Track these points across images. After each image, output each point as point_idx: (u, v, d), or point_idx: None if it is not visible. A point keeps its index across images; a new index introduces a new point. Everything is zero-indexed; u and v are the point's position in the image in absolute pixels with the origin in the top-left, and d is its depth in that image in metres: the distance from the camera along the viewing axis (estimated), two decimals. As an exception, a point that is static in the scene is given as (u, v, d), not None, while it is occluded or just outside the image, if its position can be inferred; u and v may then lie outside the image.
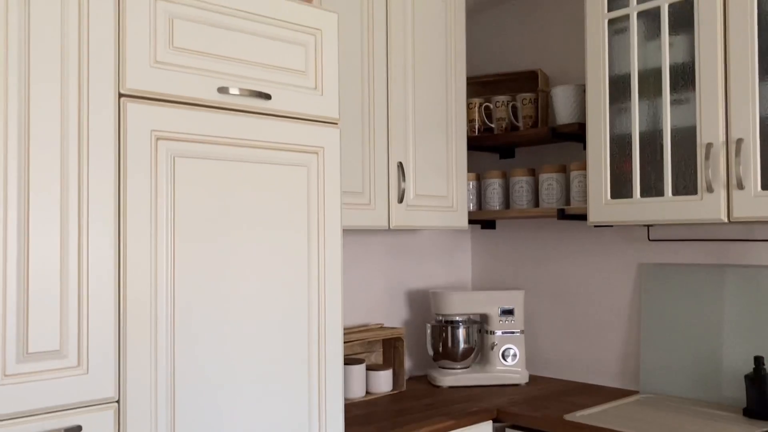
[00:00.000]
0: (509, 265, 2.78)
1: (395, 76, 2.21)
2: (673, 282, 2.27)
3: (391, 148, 2.19)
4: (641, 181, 2.05)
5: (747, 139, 1.82)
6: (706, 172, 1.88)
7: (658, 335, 2.29)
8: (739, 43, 1.84)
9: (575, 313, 2.56)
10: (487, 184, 2.61)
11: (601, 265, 2.49)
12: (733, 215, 1.85)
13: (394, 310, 2.60)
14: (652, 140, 2.03)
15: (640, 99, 2.06)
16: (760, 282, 2.08)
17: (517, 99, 2.54)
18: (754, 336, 2.08)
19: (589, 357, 2.51)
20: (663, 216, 1.99)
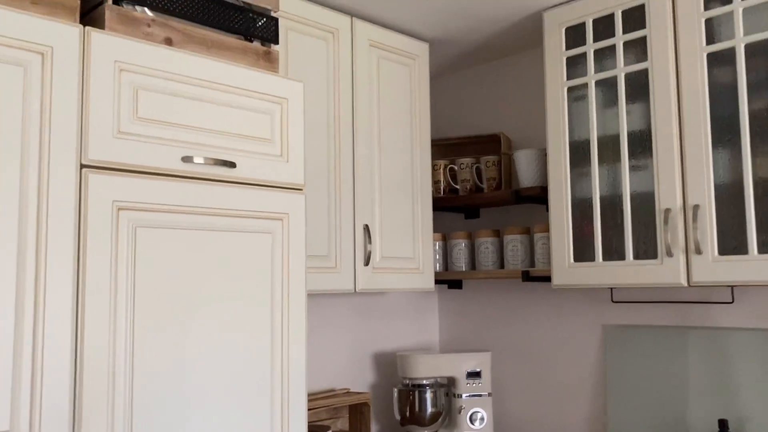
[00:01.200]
0: (476, 325, 2.77)
1: (361, 139, 2.23)
2: (636, 343, 2.29)
3: (357, 210, 2.19)
4: (603, 244, 2.08)
5: (703, 205, 1.87)
6: (665, 236, 1.92)
7: (624, 397, 2.29)
8: (692, 112, 1.90)
9: (542, 374, 2.55)
10: (453, 244, 2.63)
11: (566, 327, 2.50)
12: (692, 279, 1.88)
13: (361, 373, 2.57)
14: (612, 205, 2.07)
15: (599, 164, 2.11)
16: (721, 344, 2.10)
17: (481, 161, 2.58)
18: (717, 398, 2.10)
19: (556, 419, 2.50)
20: (625, 280, 2.01)
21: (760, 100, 1.80)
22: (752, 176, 1.80)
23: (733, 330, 2.09)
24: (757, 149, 1.80)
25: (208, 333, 1.50)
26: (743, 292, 2.10)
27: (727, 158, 1.85)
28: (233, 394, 1.53)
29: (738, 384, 2.06)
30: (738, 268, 1.80)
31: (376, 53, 2.32)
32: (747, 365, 2.05)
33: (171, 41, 1.56)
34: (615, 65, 2.08)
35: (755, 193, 1.80)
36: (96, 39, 1.40)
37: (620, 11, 2.08)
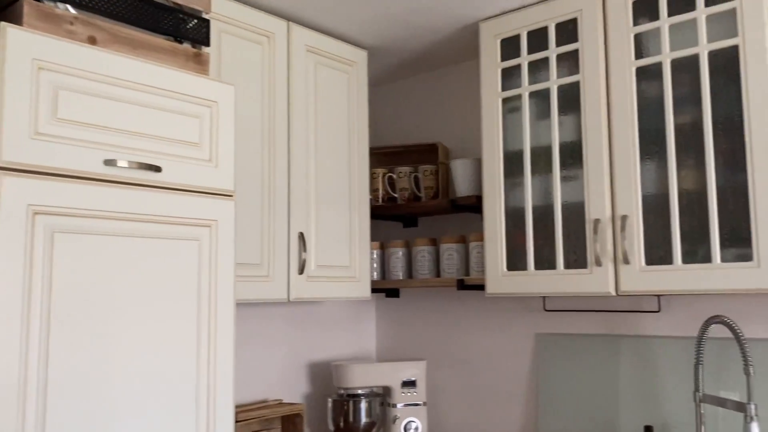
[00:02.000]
0: (413, 334, 2.77)
1: (297, 146, 2.21)
2: (568, 351, 2.32)
3: (291, 218, 2.16)
4: (535, 253, 2.10)
5: (631, 216, 1.91)
6: (594, 246, 1.96)
7: (555, 404, 2.32)
8: (621, 125, 1.95)
9: (476, 382, 2.56)
10: (390, 252, 2.62)
11: (500, 335, 2.52)
12: (620, 289, 1.92)
13: (295, 384, 2.53)
14: (544, 215, 2.10)
15: (532, 174, 2.13)
16: (648, 352, 2.15)
17: (419, 170, 2.59)
18: (644, 405, 2.14)
19: (489, 427, 2.51)
20: (556, 288, 2.04)
21: (685, 115, 1.85)
22: (677, 188, 1.85)
23: (659, 338, 2.14)
24: (682, 162, 1.85)
25: (131, 344, 1.45)
26: (669, 301, 2.16)
27: (654, 170, 1.90)
28: (158, 408, 1.48)
29: (663, 391, 2.11)
30: (664, 278, 1.85)
31: (313, 59, 2.30)
32: (672, 373, 2.10)
33: (95, 40, 1.51)
34: (548, 77, 2.11)
35: (680, 205, 1.84)
36: (12, 35, 1.34)
37: (554, 24, 2.11)
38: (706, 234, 1.79)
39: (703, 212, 1.80)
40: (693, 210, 1.82)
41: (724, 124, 1.79)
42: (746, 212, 1.74)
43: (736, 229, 1.75)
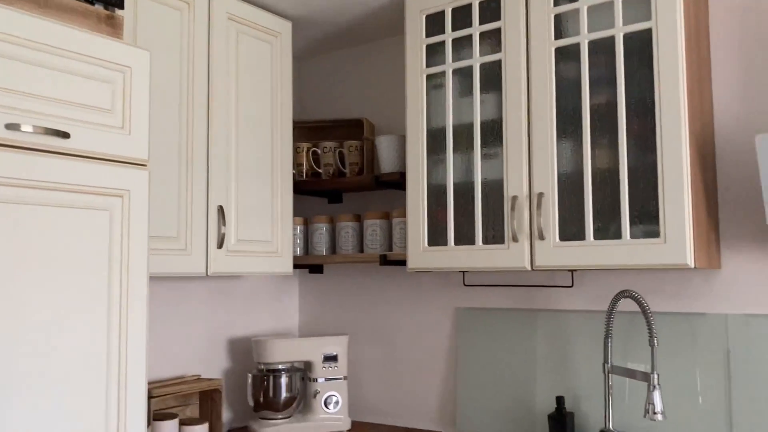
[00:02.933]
0: (336, 310, 2.77)
1: (217, 117, 2.15)
2: (486, 325, 2.37)
3: (211, 191, 2.12)
4: (455, 229, 2.13)
5: (547, 194, 1.96)
6: (511, 223, 2.00)
7: (473, 377, 2.37)
8: (540, 104, 1.99)
9: (397, 357, 2.59)
10: (314, 228, 2.61)
11: (421, 310, 2.55)
12: (535, 264, 1.97)
13: (214, 360, 2.49)
14: (465, 191, 2.13)
15: (454, 152, 2.16)
16: (561, 325, 2.22)
17: (344, 146, 2.57)
18: (557, 376, 2.22)
19: (410, 401, 2.55)
20: (474, 263, 2.08)
21: (600, 96, 1.91)
22: (591, 167, 1.91)
23: (572, 312, 2.22)
24: (596, 141, 1.91)
25: (35, 320, 1.39)
26: (582, 277, 2.23)
27: (569, 149, 1.95)
28: (65, 384, 1.42)
29: (575, 363, 2.19)
30: (576, 254, 1.91)
31: (235, 27, 2.24)
32: (584, 345, 2.18)
33: (-4, -4, 1.42)
34: (471, 55, 2.13)
35: (593, 183, 1.90)
36: None
37: (477, 2, 2.13)
38: (617, 211, 1.86)
39: (615, 190, 1.87)
40: (605, 188, 1.89)
41: (636, 106, 1.85)
42: (655, 191, 1.81)
43: (645, 207, 1.82)
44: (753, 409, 1.90)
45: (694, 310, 2.03)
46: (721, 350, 1.96)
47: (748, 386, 1.91)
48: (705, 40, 2.01)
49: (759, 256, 1.95)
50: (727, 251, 2.00)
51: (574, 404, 2.18)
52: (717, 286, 2.01)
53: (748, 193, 1.98)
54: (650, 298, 2.10)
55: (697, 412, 1.98)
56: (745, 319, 1.94)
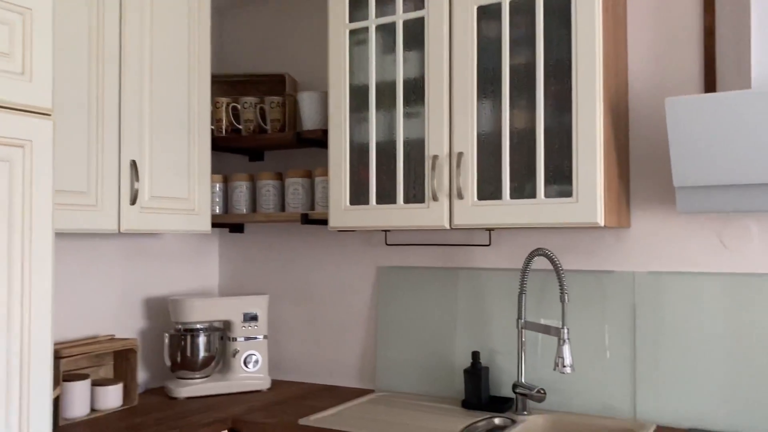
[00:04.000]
0: (257, 269, 2.74)
1: (129, 66, 2.06)
2: (407, 284, 2.40)
3: (123, 144, 2.03)
4: (377, 188, 2.13)
5: (466, 153, 1.98)
6: (432, 182, 2.01)
7: (393, 335, 2.40)
8: (461, 63, 1.99)
9: (318, 316, 2.60)
10: (234, 186, 2.55)
11: (344, 269, 2.56)
12: (454, 222, 1.99)
13: (130, 319, 2.43)
14: (387, 150, 2.12)
15: (377, 110, 2.14)
16: (479, 283, 2.27)
17: (266, 102, 2.51)
18: (474, 332, 2.27)
19: (330, 359, 2.56)
20: (395, 222, 2.08)
21: (519, 56, 1.92)
22: (509, 127, 1.93)
23: (490, 270, 2.26)
24: (515, 102, 1.93)
25: (-76, 272, 1.30)
26: (499, 236, 2.28)
27: (489, 109, 1.97)
28: (-43, 341, 1.35)
29: (492, 319, 2.24)
30: (493, 212, 1.94)
31: (149, -26, 2.13)
32: (500, 302, 2.23)
33: None
34: (395, 11, 2.11)
35: (511, 143, 1.93)
36: None
37: (402, -42, 2.10)
38: (533, 171, 1.89)
39: (531, 151, 1.90)
40: (522, 148, 1.92)
41: (554, 67, 1.87)
42: (569, 151, 1.85)
43: (559, 167, 1.86)
44: (655, 360, 2.00)
45: (604, 268, 2.11)
46: (627, 306, 2.05)
47: (652, 340, 2.01)
48: (622, 4, 2.05)
49: (666, 216, 2.04)
50: (636, 211, 2.08)
51: (489, 359, 2.24)
52: (626, 244, 2.09)
53: (657, 155, 2.06)
54: (563, 257, 2.17)
55: (604, 365, 2.07)
56: (651, 276, 2.02)
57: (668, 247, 2.03)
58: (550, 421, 2.04)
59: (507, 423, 2.01)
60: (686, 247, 2.01)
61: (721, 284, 1.93)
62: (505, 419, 2.03)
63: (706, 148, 1.68)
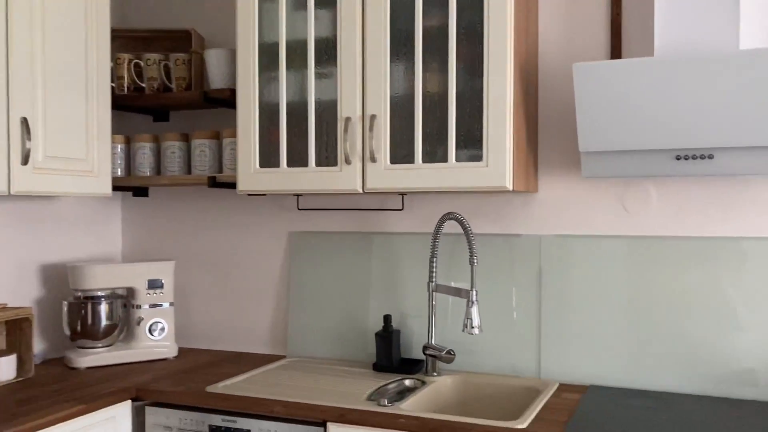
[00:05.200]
0: (163, 235, 2.64)
1: (18, 17, 1.90)
2: (319, 249, 2.37)
3: (12, 100, 1.88)
4: (288, 151, 2.08)
5: (379, 116, 1.95)
6: (344, 145, 1.97)
7: (305, 301, 2.38)
8: (374, 24, 1.95)
9: (228, 282, 2.54)
10: (137, 147, 2.43)
11: (254, 234, 2.50)
12: (366, 186, 1.97)
13: (24, 287, 2.29)
14: (299, 111, 2.07)
15: (288, 69, 2.08)
16: (392, 248, 2.27)
17: (170, 59, 2.40)
18: (386, 297, 2.28)
19: (240, 326, 2.51)
20: (307, 186, 2.04)
21: (433, 18, 1.90)
22: (422, 90, 1.92)
23: (402, 235, 2.27)
24: (428, 65, 1.91)
25: None
26: (411, 200, 2.28)
27: (402, 71, 1.94)
28: None
29: (404, 283, 2.25)
30: (406, 176, 1.93)
31: None
32: (412, 266, 2.24)
33: None
34: (306, -33, 2.04)
35: (424, 106, 1.92)
36: None
37: None
38: (445, 135, 1.89)
39: (443, 114, 1.89)
40: (435, 112, 1.91)
41: (466, 30, 1.86)
42: (480, 116, 1.85)
43: (470, 131, 1.87)
44: (559, 321, 2.07)
45: (512, 232, 2.15)
46: (534, 268, 2.10)
47: (556, 301, 2.07)
48: (533, -30, 2.06)
49: (572, 181, 2.09)
50: (544, 176, 2.12)
51: (401, 322, 2.26)
52: (533, 209, 2.13)
53: (565, 121, 2.10)
54: (473, 221, 2.20)
55: (512, 326, 2.12)
56: (557, 240, 2.08)
57: (573, 212, 2.08)
58: (458, 381, 2.08)
59: (417, 384, 2.03)
60: (590, 211, 2.07)
61: (622, 247, 2.01)
62: (415, 381, 2.05)
63: (611, 114, 1.73)
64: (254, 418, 1.85)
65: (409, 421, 1.68)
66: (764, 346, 1.85)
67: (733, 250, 1.89)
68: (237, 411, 1.87)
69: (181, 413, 1.92)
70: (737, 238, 1.89)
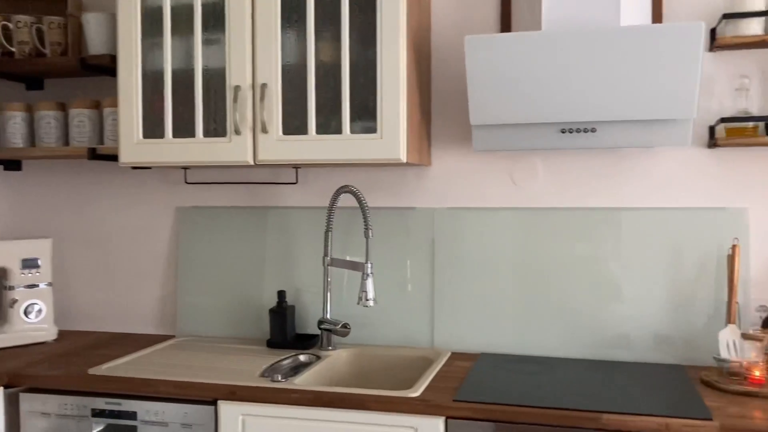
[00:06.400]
0: (38, 211, 2.47)
1: None
2: (209, 225, 2.29)
3: None
4: (174, 121, 1.98)
5: (271, 85, 1.89)
6: (234, 115, 1.90)
7: (195, 278, 2.30)
8: (265, -10, 1.88)
9: (112, 260, 2.41)
10: (7, 117, 2.25)
11: (139, 209, 2.38)
12: (258, 158, 1.92)
13: None
14: (185, 79, 1.97)
15: (173, 35, 1.97)
16: (286, 222, 2.23)
17: (44, 22, 2.22)
18: (281, 272, 2.23)
19: (126, 306, 2.40)
20: (195, 157, 1.96)
21: (325, -15, 1.86)
22: (315, 60, 1.87)
23: (297, 209, 2.23)
24: (320, 33, 1.87)
25: None
26: (306, 173, 2.24)
27: (294, 40, 1.89)
28: None
29: (299, 258, 2.22)
30: (299, 148, 1.89)
31: None
32: (307, 241, 2.21)
33: None
34: (191, -73, 1.93)
35: (317, 76, 1.88)
36: None
37: None
38: (339, 107, 1.86)
39: (337, 85, 1.86)
40: (328, 82, 1.87)
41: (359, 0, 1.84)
42: (374, 88, 1.84)
43: (364, 103, 1.85)
44: (452, 291, 2.10)
45: (406, 205, 2.16)
46: (428, 241, 2.12)
47: (449, 272, 2.10)
48: (426, -58, 2.05)
49: (464, 155, 2.12)
50: (437, 150, 2.14)
51: (296, 298, 2.22)
52: (427, 182, 2.15)
53: (458, 95, 2.12)
54: (369, 194, 2.19)
55: (406, 298, 2.13)
56: (449, 212, 2.11)
57: (466, 184, 2.12)
58: (353, 354, 2.07)
59: (312, 359, 2.01)
60: (481, 183, 2.11)
61: (511, 218, 2.06)
62: (310, 355, 2.03)
63: (500, 88, 1.75)
64: (140, 399, 1.77)
65: (303, 396, 1.66)
66: (637, 313, 1.96)
67: (612, 221, 1.98)
68: (121, 393, 1.78)
69: (59, 398, 1.81)
70: (616, 209, 1.99)
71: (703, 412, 1.50)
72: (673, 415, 1.48)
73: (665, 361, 1.95)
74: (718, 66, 1.92)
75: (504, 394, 1.63)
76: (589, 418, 1.50)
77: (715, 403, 1.57)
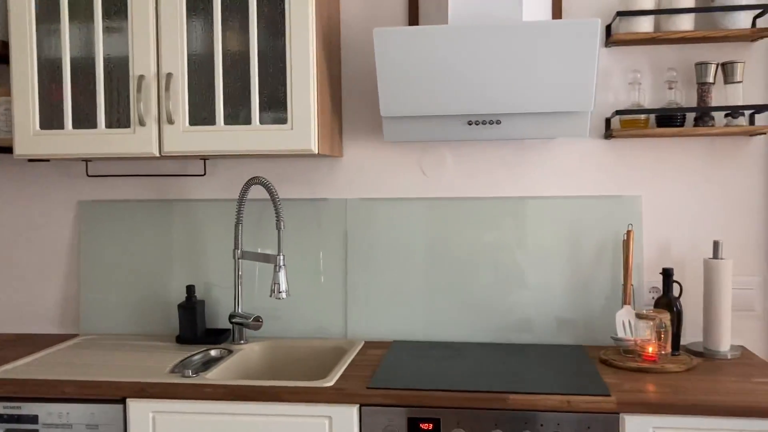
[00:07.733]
0: (-77, 207, 2.31)
1: None
2: (113, 219, 2.21)
3: None
4: (74, 111, 1.90)
5: (176, 75, 1.85)
6: (138, 105, 1.85)
7: (99, 275, 2.22)
8: (169, -23, 1.83)
9: (7, 258, 2.28)
10: None
11: (37, 204, 2.27)
12: (164, 149, 1.87)
13: None
14: (85, 68, 1.90)
15: (71, 21, 1.89)
16: (195, 215, 2.18)
17: (-75, 4, 2.08)
18: (190, 267, 2.19)
19: (24, 305, 2.28)
20: (97, 149, 1.89)
21: (232, -26, 1.83)
22: (222, 49, 1.84)
23: (205, 201, 2.18)
24: (227, 22, 1.84)
25: None
26: (214, 165, 2.20)
27: (200, 28, 1.85)
28: None
29: (209, 251, 2.18)
30: (207, 139, 1.85)
31: None
32: (217, 234, 2.17)
33: None
34: None
35: (224, 66, 1.85)
36: None
37: None
38: (248, 97, 1.84)
39: (245, 75, 1.84)
40: (236, 72, 1.85)
41: (267, -11, 1.82)
42: (283, 78, 1.83)
43: (274, 93, 1.84)
44: (364, 282, 2.12)
45: (318, 196, 2.16)
46: (340, 232, 2.13)
47: (362, 262, 2.12)
48: (334, -67, 2.05)
49: (375, 146, 2.14)
50: (349, 140, 2.15)
51: (206, 292, 2.19)
52: (339, 173, 2.16)
53: (368, 87, 2.13)
54: (280, 186, 2.17)
55: (319, 289, 2.14)
56: (361, 203, 2.12)
57: (377, 175, 2.14)
58: (266, 347, 2.06)
59: (223, 354, 1.99)
60: (393, 174, 2.13)
61: (421, 208, 2.10)
62: (222, 350, 2.00)
63: (409, 80, 1.78)
64: (43, 401, 1.69)
65: (216, 390, 1.63)
66: (540, 298, 2.05)
67: (517, 209, 2.06)
68: (21, 396, 1.70)
69: (-48, 405, 1.71)
70: (521, 197, 2.06)
71: (602, 388, 1.59)
72: (574, 393, 1.56)
73: (567, 342, 2.04)
74: (614, 61, 2.03)
75: (415, 380, 1.66)
76: (497, 399, 1.56)
77: (612, 380, 1.66)
